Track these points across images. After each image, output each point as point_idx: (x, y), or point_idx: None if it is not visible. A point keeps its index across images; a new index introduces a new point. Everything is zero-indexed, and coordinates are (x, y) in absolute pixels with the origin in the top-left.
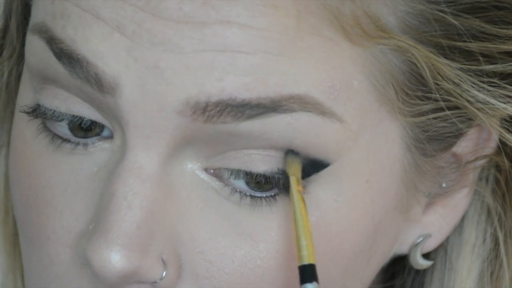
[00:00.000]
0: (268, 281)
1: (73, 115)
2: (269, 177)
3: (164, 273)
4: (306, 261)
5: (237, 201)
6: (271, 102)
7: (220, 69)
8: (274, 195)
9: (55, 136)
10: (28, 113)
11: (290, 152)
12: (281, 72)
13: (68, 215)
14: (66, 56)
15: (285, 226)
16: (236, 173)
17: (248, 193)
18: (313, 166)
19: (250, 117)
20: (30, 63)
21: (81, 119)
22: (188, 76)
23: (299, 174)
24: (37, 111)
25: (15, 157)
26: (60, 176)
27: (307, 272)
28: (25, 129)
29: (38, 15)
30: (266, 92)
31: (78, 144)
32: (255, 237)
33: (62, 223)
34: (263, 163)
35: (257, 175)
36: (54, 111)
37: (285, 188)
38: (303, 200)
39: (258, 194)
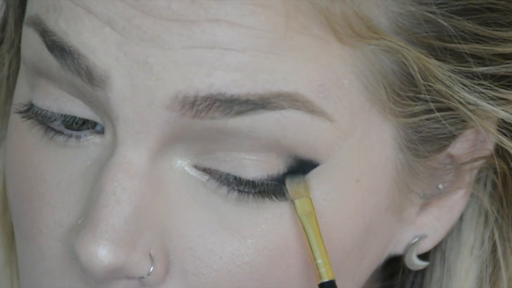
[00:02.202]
0: (257, 278)
1: (65, 115)
2: (258, 183)
3: (152, 268)
4: (325, 278)
5: (224, 194)
6: (260, 99)
7: (209, 65)
8: (263, 192)
9: (48, 129)
10: (21, 113)
11: (289, 174)
12: (270, 69)
13: (60, 209)
14: (58, 48)
15: (273, 223)
16: (226, 176)
17: (236, 187)
18: (301, 167)
19: (239, 113)
20: (25, 55)
21: (73, 118)
22: (177, 71)
23: (308, 193)
24: (29, 112)
25: (11, 150)
26: (55, 170)
27: None
28: (20, 123)
29: (32, 8)
30: (255, 89)
31: (70, 136)
32: (242, 232)
33: (54, 217)
34: (254, 169)
35: (246, 181)
36: (47, 111)
37: (275, 193)
38: (315, 218)
39: (246, 189)
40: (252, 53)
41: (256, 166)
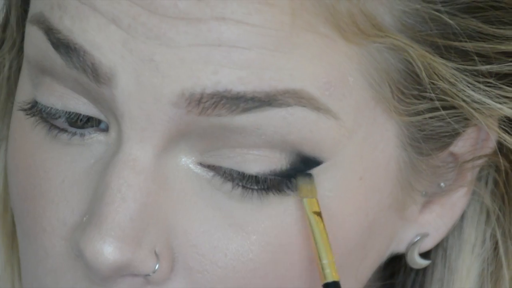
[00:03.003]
0: (261, 275)
1: (70, 112)
2: (261, 179)
3: (157, 266)
4: (330, 279)
5: (228, 191)
6: (266, 96)
7: (215, 63)
8: (267, 188)
9: (52, 127)
10: (25, 110)
11: (299, 174)
12: (276, 67)
13: (64, 207)
14: (64, 46)
15: (276, 219)
16: (229, 172)
17: (240, 183)
18: (305, 164)
19: (245, 110)
20: (29, 54)
21: (77, 115)
22: (183, 69)
23: (315, 193)
24: (34, 109)
25: (14, 149)
26: (58, 168)
27: None
28: (23, 120)
29: (36, 6)
30: (261, 86)
31: (74, 134)
32: (246, 228)
33: (58, 215)
34: (256, 164)
35: (249, 176)
36: (51, 108)
37: (278, 189)
38: (322, 219)
39: (249, 185)
40: (258, 50)
41: (259, 161)
